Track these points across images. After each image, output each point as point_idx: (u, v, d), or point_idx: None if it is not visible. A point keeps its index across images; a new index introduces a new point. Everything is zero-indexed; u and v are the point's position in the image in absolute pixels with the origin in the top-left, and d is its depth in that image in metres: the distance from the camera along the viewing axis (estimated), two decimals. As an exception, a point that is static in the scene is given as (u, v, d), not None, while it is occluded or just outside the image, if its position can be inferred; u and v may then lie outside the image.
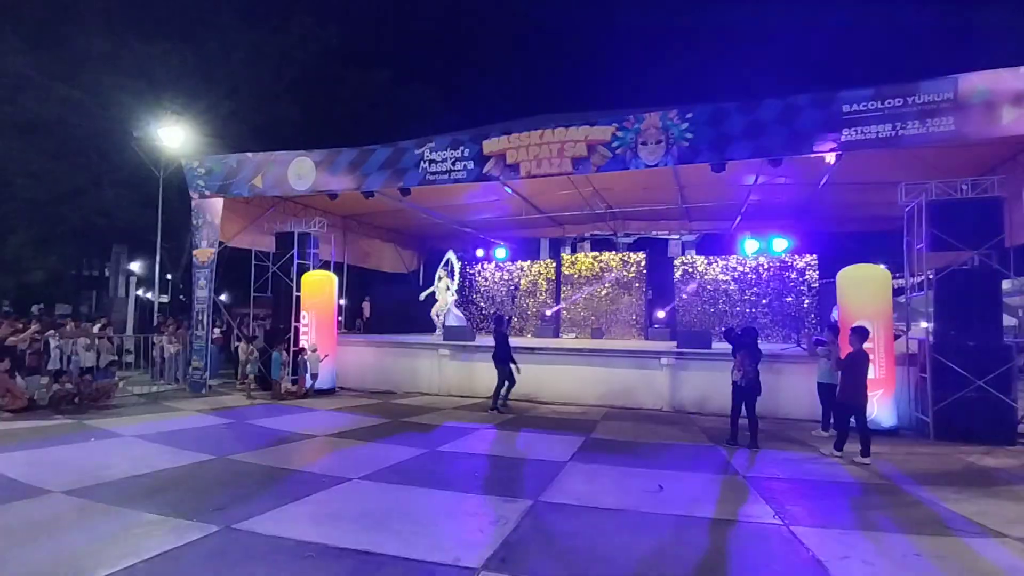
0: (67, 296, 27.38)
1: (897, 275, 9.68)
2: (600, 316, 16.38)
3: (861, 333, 6.79)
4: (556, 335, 16.08)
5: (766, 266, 15.47)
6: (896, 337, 8.62)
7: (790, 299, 15.12)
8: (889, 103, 7.81)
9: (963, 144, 7.83)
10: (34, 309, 21.59)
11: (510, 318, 12.06)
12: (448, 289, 15.03)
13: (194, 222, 12.30)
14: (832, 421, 7.45)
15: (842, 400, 6.84)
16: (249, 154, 12.00)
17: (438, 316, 14.73)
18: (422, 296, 15.47)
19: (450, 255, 15.63)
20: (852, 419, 6.69)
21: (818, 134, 8.17)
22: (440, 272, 15.27)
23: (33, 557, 3.63)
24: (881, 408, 8.15)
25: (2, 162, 21.15)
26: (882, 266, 9.27)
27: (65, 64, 21.60)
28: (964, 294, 7.92)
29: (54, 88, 21.19)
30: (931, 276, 8.21)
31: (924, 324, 8.66)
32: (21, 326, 10.69)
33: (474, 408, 10.12)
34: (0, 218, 22.70)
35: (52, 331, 11.16)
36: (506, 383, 9.64)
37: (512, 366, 9.57)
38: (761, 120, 8.45)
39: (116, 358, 11.73)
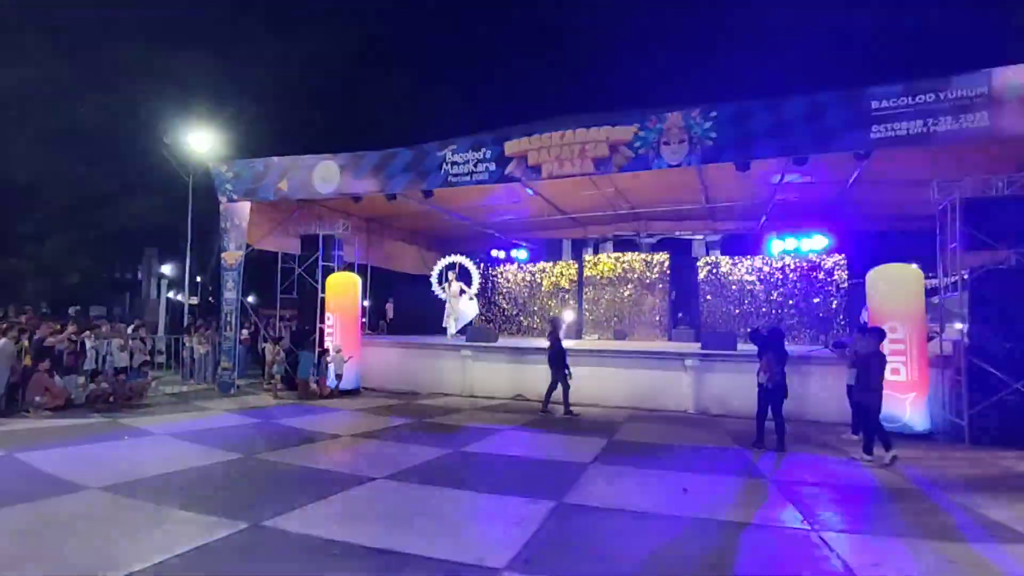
0: (101, 298, 28.18)
1: (930, 275, 9.40)
2: (623, 317, 16.28)
3: (877, 334, 6.85)
4: (578, 336, 16.04)
5: (793, 266, 15.18)
6: (929, 339, 8.40)
7: (818, 300, 14.81)
8: (920, 99, 7.61)
9: (998, 140, 7.58)
10: (71, 311, 22.30)
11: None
12: (463, 293, 15.07)
13: (222, 225, 12.54)
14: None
15: (857, 399, 6.93)
16: (275, 158, 12.17)
17: (454, 320, 14.86)
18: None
19: (461, 260, 15.74)
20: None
21: (846, 132, 8.00)
22: (448, 274, 15.38)
23: (70, 550, 3.75)
24: (914, 411, 7.96)
25: (40, 169, 21.94)
26: (914, 266, 9.02)
27: (99, 72, 22.34)
28: (1000, 294, 7.71)
29: (89, 96, 21.91)
30: (965, 276, 7.98)
31: (958, 325, 8.41)
32: (59, 327, 11.02)
33: (498, 409, 10.15)
34: (38, 223, 23.55)
35: (88, 332, 11.48)
36: (560, 386, 9.58)
37: (566, 371, 9.54)
38: (786, 118, 8.31)
39: (149, 358, 12.03)
